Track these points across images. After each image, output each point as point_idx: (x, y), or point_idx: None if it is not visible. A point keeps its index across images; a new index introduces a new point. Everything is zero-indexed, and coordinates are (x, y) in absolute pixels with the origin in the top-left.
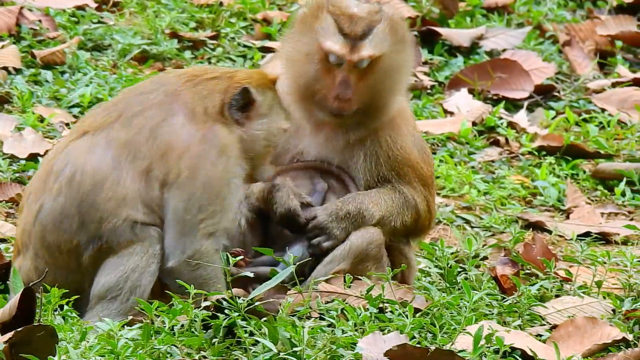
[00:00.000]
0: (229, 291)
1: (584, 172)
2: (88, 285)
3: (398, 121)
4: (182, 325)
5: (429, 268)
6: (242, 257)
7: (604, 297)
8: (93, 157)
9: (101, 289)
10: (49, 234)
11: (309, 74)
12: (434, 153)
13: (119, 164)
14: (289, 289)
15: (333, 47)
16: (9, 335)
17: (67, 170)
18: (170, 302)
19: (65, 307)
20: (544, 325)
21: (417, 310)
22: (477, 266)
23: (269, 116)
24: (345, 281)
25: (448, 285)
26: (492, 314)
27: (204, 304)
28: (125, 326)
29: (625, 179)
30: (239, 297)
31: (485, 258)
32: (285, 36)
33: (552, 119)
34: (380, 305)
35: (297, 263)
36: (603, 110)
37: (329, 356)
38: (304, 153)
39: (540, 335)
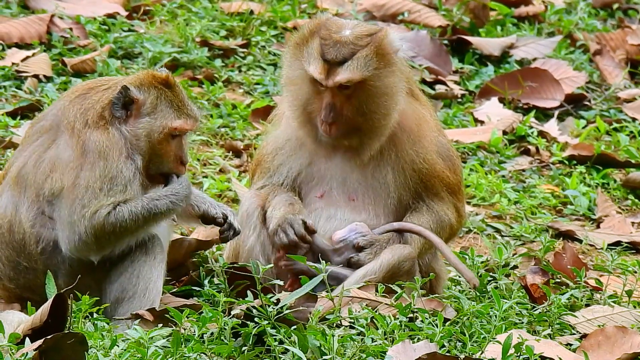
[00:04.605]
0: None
1: (615, 181)
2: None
3: (419, 132)
4: (212, 333)
5: (459, 277)
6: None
7: (635, 307)
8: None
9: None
10: (17, 279)
11: (303, 97)
12: (464, 162)
13: (17, 200)
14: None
15: (313, 71)
16: (39, 342)
17: None
18: (200, 310)
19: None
20: (574, 334)
21: (446, 319)
22: (507, 275)
23: (154, 113)
24: (377, 290)
25: (478, 294)
26: (522, 322)
27: (233, 312)
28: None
29: None
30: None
31: (515, 267)
32: (283, 60)
33: (583, 128)
34: (410, 314)
35: (329, 271)
36: (634, 119)
37: None
38: (328, 176)
39: (570, 345)
